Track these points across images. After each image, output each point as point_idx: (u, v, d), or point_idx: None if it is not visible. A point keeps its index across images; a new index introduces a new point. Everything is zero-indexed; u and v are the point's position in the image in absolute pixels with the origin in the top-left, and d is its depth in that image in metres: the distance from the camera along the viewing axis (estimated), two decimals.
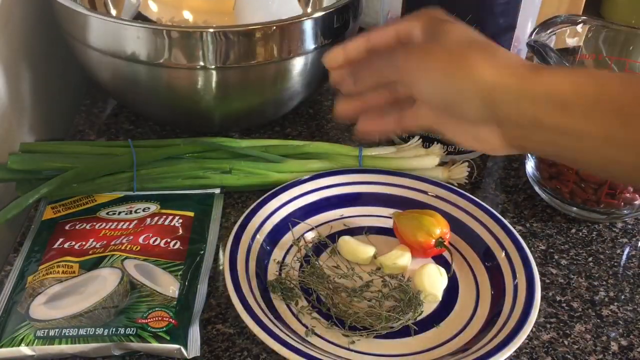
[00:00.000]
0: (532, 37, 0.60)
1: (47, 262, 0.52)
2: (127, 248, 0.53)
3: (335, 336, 0.49)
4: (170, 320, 0.48)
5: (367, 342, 0.49)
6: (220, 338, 0.50)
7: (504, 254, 0.54)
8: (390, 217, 0.59)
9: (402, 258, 0.55)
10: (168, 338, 0.47)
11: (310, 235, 0.59)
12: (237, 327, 0.50)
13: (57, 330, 0.47)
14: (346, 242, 0.56)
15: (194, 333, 0.48)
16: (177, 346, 0.47)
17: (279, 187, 0.59)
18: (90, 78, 0.69)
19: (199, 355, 0.48)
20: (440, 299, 0.53)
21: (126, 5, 0.77)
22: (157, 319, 0.48)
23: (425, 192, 0.61)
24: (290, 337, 0.47)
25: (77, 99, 0.77)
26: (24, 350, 0.46)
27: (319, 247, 0.57)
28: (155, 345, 0.47)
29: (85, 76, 0.70)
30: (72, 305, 0.48)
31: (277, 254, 0.56)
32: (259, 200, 0.58)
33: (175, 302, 0.49)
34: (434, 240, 0.55)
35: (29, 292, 0.50)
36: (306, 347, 0.46)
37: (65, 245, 0.54)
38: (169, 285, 0.51)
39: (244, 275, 0.51)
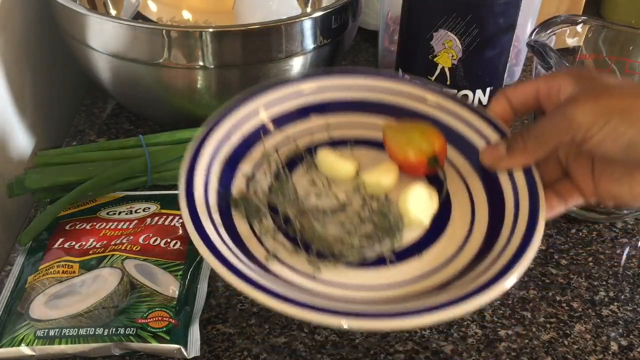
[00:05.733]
0: (532, 37, 0.60)
1: (47, 262, 0.52)
2: (127, 248, 0.53)
3: (300, 263, 0.43)
4: (170, 320, 0.48)
5: (336, 271, 0.43)
6: (220, 338, 0.50)
7: (507, 174, 0.47)
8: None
9: (387, 176, 0.48)
10: (168, 338, 0.47)
11: (287, 147, 0.51)
12: (237, 327, 0.50)
13: (57, 330, 0.47)
14: (326, 155, 0.49)
15: (194, 333, 0.49)
16: (177, 346, 0.47)
17: (254, 89, 0.51)
18: (90, 78, 0.69)
19: (199, 355, 0.48)
20: (427, 225, 0.46)
21: (126, 5, 0.77)
22: (157, 319, 0.48)
23: (424, 101, 0.52)
24: (244, 263, 0.40)
25: (77, 99, 0.77)
26: (24, 350, 0.46)
27: (295, 161, 0.50)
28: (155, 345, 0.47)
29: (85, 76, 0.70)
30: (72, 305, 0.49)
31: (247, 167, 0.49)
32: (228, 104, 0.50)
33: (175, 302, 0.49)
34: (426, 159, 0.48)
35: (29, 292, 0.50)
36: (260, 275, 0.40)
37: (66, 245, 0.54)
38: (169, 285, 0.51)
39: (200, 189, 0.44)
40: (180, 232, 0.56)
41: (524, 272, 0.40)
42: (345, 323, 0.37)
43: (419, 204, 0.46)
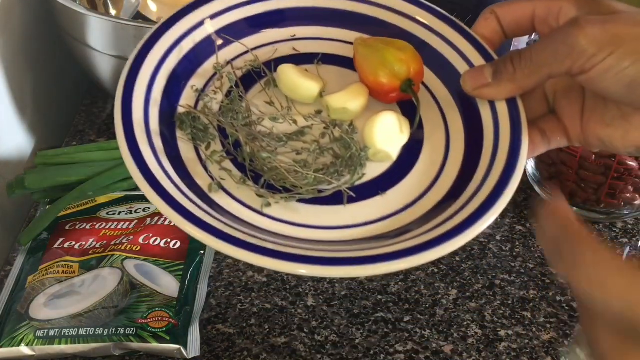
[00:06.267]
0: (532, 36, 0.60)
1: (47, 262, 0.52)
2: (127, 248, 0.53)
3: (248, 195, 0.39)
4: (170, 320, 0.48)
5: (287, 207, 0.38)
6: (220, 338, 0.50)
7: (489, 104, 0.42)
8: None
9: (354, 101, 0.42)
10: (168, 338, 0.47)
11: (243, 60, 0.45)
12: (237, 327, 0.50)
13: (57, 330, 0.47)
14: (287, 72, 0.43)
15: (194, 333, 0.48)
16: (177, 346, 0.47)
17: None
18: (90, 78, 0.69)
19: (198, 355, 0.48)
20: (394, 159, 0.41)
21: (126, 5, 0.77)
22: (157, 319, 0.48)
23: (410, 18, 0.46)
24: (185, 195, 0.36)
25: (77, 99, 0.77)
26: (24, 350, 0.46)
27: (252, 77, 0.45)
28: (155, 345, 0.47)
29: (85, 76, 0.70)
30: (72, 305, 0.49)
31: (197, 82, 0.44)
32: (180, 9, 0.44)
33: (175, 302, 0.49)
34: (399, 83, 0.42)
35: (29, 292, 0.50)
36: (199, 208, 0.36)
37: (65, 245, 0.54)
38: (169, 285, 0.51)
39: (140, 108, 0.39)
40: (180, 231, 0.56)
41: (498, 215, 0.36)
42: (304, 269, 0.33)
43: (387, 134, 0.41)
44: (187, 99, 0.43)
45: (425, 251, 0.34)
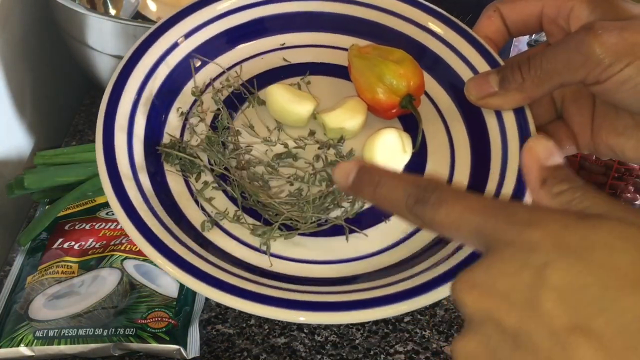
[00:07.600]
0: (533, 36, 0.60)
1: (47, 262, 0.52)
2: (127, 248, 0.53)
3: (243, 232, 0.36)
4: (170, 320, 0.48)
5: (285, 242, 0.36)
6: (220, 338, 0.50)
7: (495, 114, 0.39)
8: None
9: (351, 120, 0.40)
10: (167, 338, 0.47)
11: (230, 77, 0.42)
12: (237, 327, 0.50)
13: (56, 330, 0.47)
14: (275, 96, 0.40)
15: (194, 333, 0.48)
16: (176, 347, 0.47)
17: (187, 6, 0.42)
18: (90, 78, 0.69)
19: (198, 355, 0.48)
20: None
21: (125, 4, 0.77)
22: (156, 319, 0.48)
23: (407, 19, 0.43)
24: (175, 236, 0.34)
25: (76, 99, 0.77)
26: (23, 350, 0.46)
27: (239, 95, 0.42)
28: (154, 345, 0.47)
29: (85, 76, 0.70)
30: (72, 306, 0.48)
31: (183, 102, 0.41)
32: (157, 25, 0.41)
33: (174, 303, 0.49)
34: (399, 99, 0.39)
35: (29, 292, 0.50)
36: (194, 255, 0.33)
37: (65, 245, 0.54)
38: (169, 286, 0.50)
39: (123, 143, 0.36)
40: None
41: None
42: (303, 316, 0.31)
43: (388, 155, 0.38)
44: (172, 124, 0.40)
45: (439, 285, 0.31)
